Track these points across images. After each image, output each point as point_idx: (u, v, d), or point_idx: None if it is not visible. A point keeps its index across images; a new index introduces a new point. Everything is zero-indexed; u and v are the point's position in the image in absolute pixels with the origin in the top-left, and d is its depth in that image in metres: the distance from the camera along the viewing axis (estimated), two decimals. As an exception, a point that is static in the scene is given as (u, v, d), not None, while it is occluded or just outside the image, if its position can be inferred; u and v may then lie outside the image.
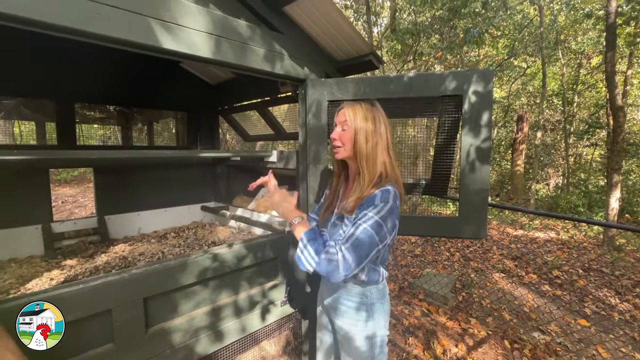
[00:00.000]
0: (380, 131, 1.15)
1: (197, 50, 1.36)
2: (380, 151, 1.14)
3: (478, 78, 1.58)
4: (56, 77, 2.25)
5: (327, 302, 1.34)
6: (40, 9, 0.98)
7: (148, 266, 1.33)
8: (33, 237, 2.13)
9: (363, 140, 1.13)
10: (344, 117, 1.18)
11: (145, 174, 2.63)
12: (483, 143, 1.61)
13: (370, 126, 1.14)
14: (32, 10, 0.97)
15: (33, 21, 0.98)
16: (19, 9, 0.94)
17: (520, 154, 10.75)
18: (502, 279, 4.21)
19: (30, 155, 1.36)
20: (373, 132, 1.14)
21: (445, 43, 6.90)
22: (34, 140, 2.96)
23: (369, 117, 1.15)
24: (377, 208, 1.05)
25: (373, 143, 1.13)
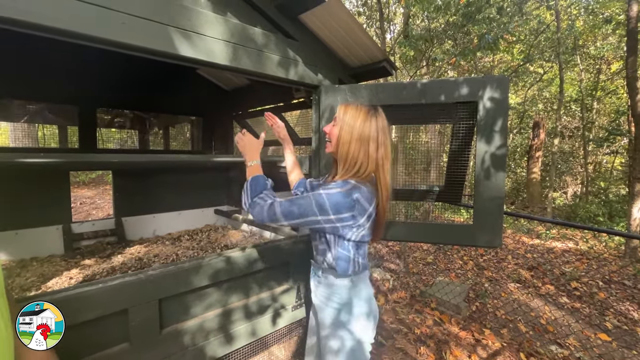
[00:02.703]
0: (369, 135, 1.14)
1: (215, 57, 1.40)
2: (362, 155, 1.13)
3: (493, 84, 1.57)
4: (79, 83, 2.35)
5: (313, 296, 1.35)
6: (75, 21, 1.03)
7: (163, 268, 1.36)
8: (54, 237, 2.21)
9: (346, 139, 1.14)
10: (336, 114, 1.23)
11: (161, 177, 2.70)
12: (498, 150, 1.59)
13: (357, 127, 1.14)
14: (68, 23, 1.02)
15: (68, 32, 1.03)
16: (56, 21, 1.00)
17: (536, 161, 10.50)
18: (517, 290, 4.10)
19: (56, 159, 1.42)
20: (359, 134, 1.13)
21: (458, 49, 6.85)
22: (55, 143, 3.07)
23: (358, 118, 1.15)
24: (326, 187, 1.12)
25: (355, 144, 1.13)
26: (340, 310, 1.21)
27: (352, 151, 1.14)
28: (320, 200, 1.08)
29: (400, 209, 4.69)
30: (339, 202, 1.07)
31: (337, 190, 1.09)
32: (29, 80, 2.13)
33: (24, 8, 0.94)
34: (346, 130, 1.15)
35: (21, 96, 2.28)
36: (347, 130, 1.15)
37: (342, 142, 1.15)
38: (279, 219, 1.10)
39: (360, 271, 1.23)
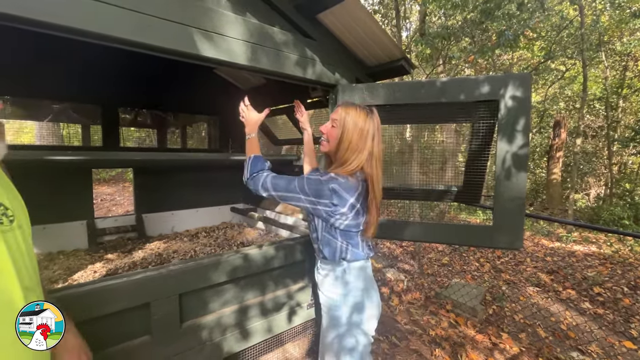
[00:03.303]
0: (367, 134, 1.22)
1: (235, 57, 1.42)
2: (356, 153, 1.21)
3: (515, 82, 1.53)
4: (102, 83, 2.42)
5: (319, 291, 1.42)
6: (105, 24, 1.07)
7: (184, 263, 1.39)
8: (78, 232, 2.29)
9: (347, 139, 1.21)
10: (336, 115, 1.26)
11: (180, 175, 2.76)
12: (520, 150, 1.55)
13: (359, 128, 1.21)
14: (99, 26, 1.06)
15: (98, 35, 1.08)
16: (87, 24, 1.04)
17: (556, 161, 10.17)
18: (536, 293, 3.99)
19: (83, 156, 1.47)
20: (359, 134, 1.21)
21: (476, 46, 6.70)
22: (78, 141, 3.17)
23: (359, 119, 1.22)
24: (312, 173, 1.27)
25: (354, 144, 1.21)
26: (343, 300, 1.27)
27: (350, 149, 1.21)
28: (301, 182, 1.20)
29: (415, 209, 4.64)
30: (317, 188, 1.18)
31: (315, 177, 1.21)
32: (56, 81, 2.22)
33: (58, 12, 0.98)
34: (348, 131, 1.21)
35: (48, 96, 2.37)
36: (349, 131, 1.21)
37: (343, 141, 1.22)
38: (268, 189, 1.24)
39: (350, 259, 1.28)
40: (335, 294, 1.29)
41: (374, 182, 1.24)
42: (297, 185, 1.21)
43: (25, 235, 0.77)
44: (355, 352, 1.25)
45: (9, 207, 0.74)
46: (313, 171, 1.32)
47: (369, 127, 1.23)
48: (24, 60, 1.85)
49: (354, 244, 1.29)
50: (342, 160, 1.23)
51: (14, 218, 0.74)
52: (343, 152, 1.22)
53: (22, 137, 10.10)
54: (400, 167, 3.41)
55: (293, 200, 1.22)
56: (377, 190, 1.25)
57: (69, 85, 2.30)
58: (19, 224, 0.75)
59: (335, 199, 1.17)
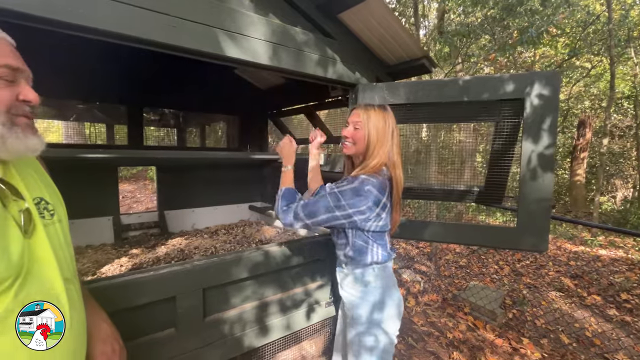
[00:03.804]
0: (388, 133, 1.26)
1: (258, 58, 1.44)
2: (381, 152, 1.25)
3: (542, 81, 1.49)
4: (128, 84, 2.51)
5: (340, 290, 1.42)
6: (132, 25, 1.11)
7: (207, 259, 1.43)
8: (105, 227, 2.38)
9: (373, 139, 1.25)
10: (357, 117, 1.29)
11: (200, 173, 2.82)
12: (546, 149, 1.51)
13: (381, 128, 1.25)
14: (129, 28, 1.11)
15: (128, 36, 1.12)
16: (114, 25, 1.08)
17: (581, 162, 9.79)
18: (559, 298, 3.86)
19: (112, 154, 1.53)
20: (383, 134, 1.25)
21: (496, 44, 6.53)
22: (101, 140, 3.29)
23: (381, 120, 1.26)
24: (342, 182, 1.23)
25: (379, 144, 1.25)
26: (364, 299, 1.28)
27: (376, 148, 1.25)
28: (335, 198, 1.19)
29: (432, 209, 4.57)
30: (353, 197, 1.17)
31: (346, 187, 1.19)
32: (86, 82, 2.31)
33: (89, 15, 1.03)
34: (373, 132, 1.25)
35: (78, 97, 2.48)
36: (373, 131, 1.25)
37: (370, 141, 1.25)
38: (301, 218, 1.22)
39: (381, 261, 1.29)
40: (357, 292, 1.30)
41: (397, 178, 1.27)
42: (330, 203, 1.19)
43: (64, 228, 0.81)
44: (376, 351, 1.25)
45: (50, 201, 0.78)
46: (333, 185, 1.28)
47: (390, 123, 1.28)
48: (57, 62, 1.94)
49: (383, 245, 1.30)
50: (369, 159, 1.25)
51: (54, 212, 0.78)
52: (371, 151, 1.25)
53: (50, 136, 10.57)
54: (417, 166, 3.37)
55: (330, 221, 1.20)
56: (400, 186, 1.28)
57: (98, 87, 2.39)
58: (58, 217, 0.79)
59: (371, 200, 1.18)
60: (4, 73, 0.66)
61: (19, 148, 0.66)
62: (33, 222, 0.69)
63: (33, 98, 0.70)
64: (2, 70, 0.65)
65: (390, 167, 1.27)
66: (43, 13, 0.96)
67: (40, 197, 0.75)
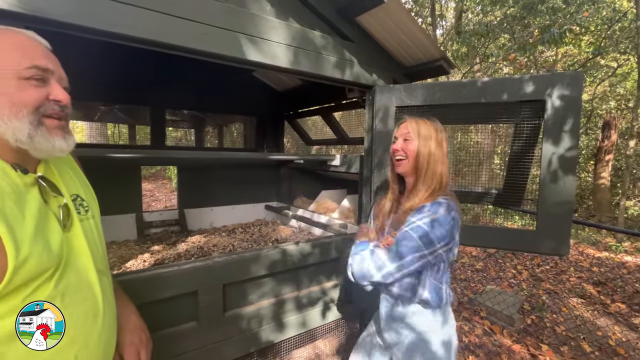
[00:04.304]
0: (442, 147, 1.16)
1: (278, 61, 1.48)
2: (440, 164, 1.14)
3: (564, 82, 1.47)
4: (152, 87, 2.60)
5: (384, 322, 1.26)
6: (168, 33, 1.18)
7: (227, 256, 1.47)
8: (129, 224, 2.48)
9: (426, 154, 1.14)
10: (406, 129, 1.19)
11: (218, 173, 2.90)
12: (568, 152, 1.48)
13: (434, 140, 1.15)
14: (163, 35, 1.17)
15: (162, 43, 1.19)
16: (153, 34, 1.15)
17: (605, 165, 9.42)
18: (580, 305, 3.74)
19: (138, 154, 1.61)
20: (436, 146, 1.15)
21: (516, 43, 6.39)
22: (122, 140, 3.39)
23: (432, 131, 1.16)
24: (422, 214, 1.06)
25: (435, 156, 1.14)
26: (429, 343, 1.12)
27: (433, 165, 1.13)
28: (421, 233, 1.03)
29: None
30: (442, 229, 1.03)
31: (434, 216, 1.04)
32: (111, 85, 2.41)
33: (133, 25, 1.10)
34: (424, 144, 1.14)
35: (106, 99, 2.59)
36: (425, 143, 1.14)
37: (423, 156, 1.14)
38: (385, 266, 1.04)
39: (449, 299, 1.16)
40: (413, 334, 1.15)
41: (453, 195, 1.16)
42: (418, 241, 1.02)
43: (97, 223, 0.86)
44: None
45: (84, 198, 0.83)
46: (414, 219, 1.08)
47: (442, 136, 1.17)
48: (88, 66, 2.04)
49: (448, 282, 1.18)
50: (434, 178, 1.12)
51: (88, 208, 0.83)
52: (431, 165, 1.13)
53: (75, 136, 10.98)
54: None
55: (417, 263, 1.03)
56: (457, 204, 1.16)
57: (124, 89, 2.50)
58: (92, 213, 0.84)
59: (456, 228, 1.05)
60: (34, 73, 0.67)
61: (46, 147, 0.69)
62: (71, 217, 0.74)
63: (63, 98, 0.72)
64: (31, 71, 0.67)
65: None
66: (92, 24, 1.05)
67: (76, 193, 0.81)
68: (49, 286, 0.64)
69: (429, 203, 1.09)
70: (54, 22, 1.00)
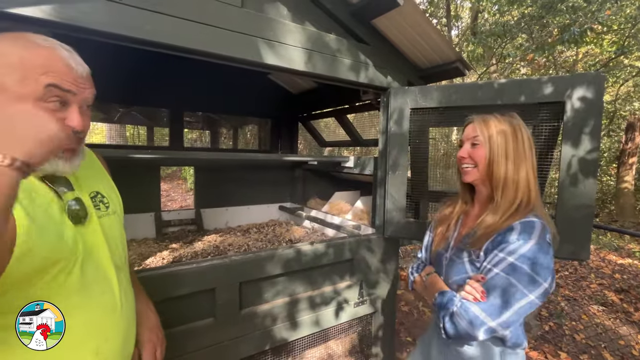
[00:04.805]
0: (523, 148, 0.94)
1: (294, 64, 1.51)
2: (522, 171, 0.93)
3: (584, 83, 1.44)
4: (172, 90, 2.68)
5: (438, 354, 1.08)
6: (190, 38, 1.23)
7: (244, 255, 1.51)
8: (148, 223, 2.56)
9: (501, 160, 0.93)
10: (474, 132, 0.99)
11: (234, 174, 2.95)
12: (589, 154, 1.45)
13: (511, 142, 0.94)
14: (185, 40, 1.22)
15: (184, 48, 1.24)
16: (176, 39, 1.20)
17: (629, 168, 9.08)
18: (602, 313, 3.62)
19: (160, 155, 1.66)
20: (514, 150, 0.94)
21: (534, 43, 6.24)
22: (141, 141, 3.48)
23: (508, 132, 0.95)
24: (511, 243, 0.85)
25: (513, 163, 0.93)
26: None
27: (513, 172, 0.93)
28: (523, 271, 0.81)
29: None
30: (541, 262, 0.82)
31: (529, 244, 0.83)
32: (131, 88, 2.50)
33: (151, 29, 1.14)
34: (497, 147, 0.94)
35: (128, 102, 2.68)
36: (499, 147, 0.94)
37: (497, 164, 0.94)
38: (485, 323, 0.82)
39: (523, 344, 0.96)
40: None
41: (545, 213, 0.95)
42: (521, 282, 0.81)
43: (119, 220, 0.88)
44: None
45: (105, 195, 0.85)
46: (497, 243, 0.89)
47: (523, 133, 0.96)
48: (115, 70, 2.12)
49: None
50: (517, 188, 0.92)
51: (109, 205, 0.84)
52: (509, 174, 0.93)
53: (94, 138, 11.38)
54: (447, 170, 3.31)
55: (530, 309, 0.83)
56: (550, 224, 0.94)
57: (146, 92, 2.59)
58: (113, 209, 0.85)
59: (551, 259, 0.84)
60: (49, 95, 0.62)
61: (48, 169, 0.66)
62: (88, 213, 0.74)
63: (77, 124, 0.67)
64: (48, 91, 0.62)
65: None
66: (120, 31, 1.10)
67: (96, 191, 0.82)
68: (65, 278, 0.65)
69: (516, 222, 0.88)
70: (85, 29, 1.06)
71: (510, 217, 0.90)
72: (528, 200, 0.92)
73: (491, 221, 0.93)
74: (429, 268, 1.09)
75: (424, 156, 1.86)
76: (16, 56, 0.61)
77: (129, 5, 1.10)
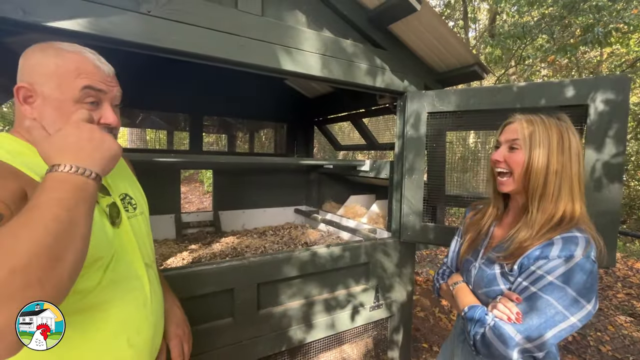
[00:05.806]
0: (569, 156, 0.84)
1: (312, 70, 1.54)
2: (566, 185, 0.83)
3: (608, 85, 1.40)
4: (193, 95, 2.77)
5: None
6: (211, 47, 1.28)
7: (262, 256, 1.54)
8: (168, 224, 2.64)
9: (542, 169, 0.83)
10: (514, 134, 0.89)
11: (250, 177, 3.01)
12: (614, 158, 1.41)
13: (555, 150, 0.83)
14: (208, 49, 1.27)
15: (207, 57, 1.29)
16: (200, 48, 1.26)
17: (659, 173, 8.64)
18: (630, 324, 3.46)
19: (182, 158, 1.72)
20: (557, 159, 0.83)
21: (555, 44, 6.08)
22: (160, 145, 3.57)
23: (552, 136, 0.84)
24: (551, 260, 0.77)
25: (555, 174, 0.83)
26: None
27: (555, 183, 0.83)
28: (565, 291, 0.74)
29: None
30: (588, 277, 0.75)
31: (574, 261, 0.75)
32: (154, 93, 2.60)
33: (177, 39, 1.20)
34: (539, 154, 0.83)
35: (151, 106, 2.79)
36: (540, 154, 0.83)
37: (536, 173, 0.84)
38: (520, 344, 0.76)
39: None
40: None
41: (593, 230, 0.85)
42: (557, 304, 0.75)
43: (146, 220, 0.92)
44: None
45: (133, 196, 0.89)
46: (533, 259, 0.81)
47: (567, 134, 0.85)
48: (139, 76, 2.22)
49: None
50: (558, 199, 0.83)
51: (137, 206, 0.89)
52: (550, 185, 0.83)
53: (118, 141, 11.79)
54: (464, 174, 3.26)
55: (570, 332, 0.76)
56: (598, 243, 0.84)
57: (167, 97, 2.68)
58: (141, 210, 0.90)
59: (595, 281, 0.77)
60: (85, 96, 0.67)
61: None
62: (120, 215, 0.79)
63: (112, 121, 0.72)
64: (84, 93, 0.67)
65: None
66: (149, 41, 1.16)
67: (125, 193, 0.87)
68: (102, 274, 0.70)
69: (557, 236, 0.79)
70: (116, 40, 1.12)
71: (547, 232, 0.81)
72: (571, 216, 0.82)
73: (525, 236, 0.84)
74: (457, 277, 1.03)
75: (441, 160, 1.85)
76: (51, 65, 0.67)
77: (157, 16, 1.16)
